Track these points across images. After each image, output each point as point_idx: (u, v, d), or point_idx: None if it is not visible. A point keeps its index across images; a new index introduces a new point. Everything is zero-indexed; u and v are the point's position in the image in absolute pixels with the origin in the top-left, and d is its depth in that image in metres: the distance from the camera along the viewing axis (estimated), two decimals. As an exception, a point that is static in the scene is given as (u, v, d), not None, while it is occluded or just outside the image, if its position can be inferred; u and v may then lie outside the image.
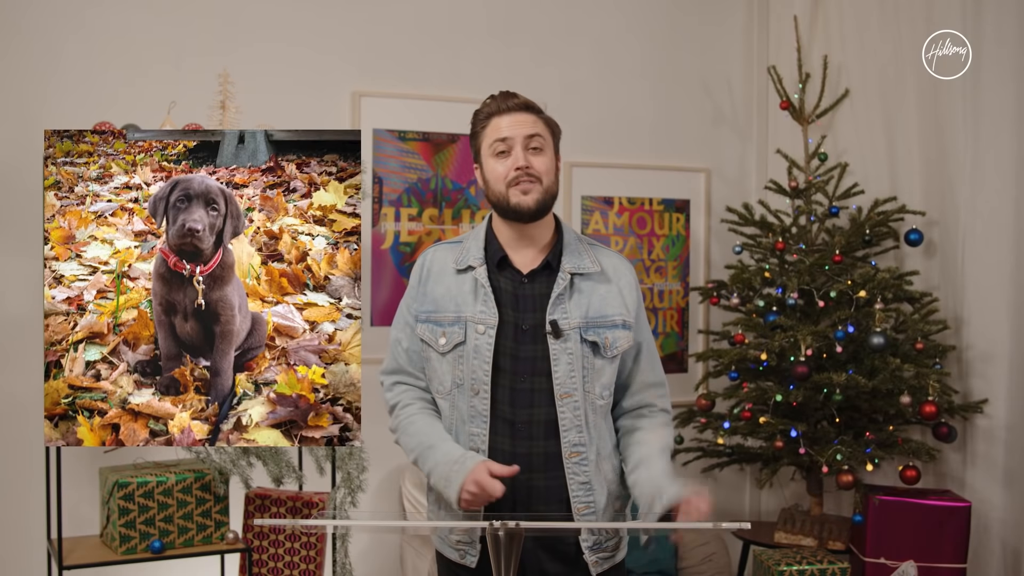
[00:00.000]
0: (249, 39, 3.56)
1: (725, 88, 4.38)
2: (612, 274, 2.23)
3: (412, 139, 3.80)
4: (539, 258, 2.20)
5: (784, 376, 3.63)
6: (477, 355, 2.14)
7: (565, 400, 2.14)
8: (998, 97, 3.49)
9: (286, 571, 3.08)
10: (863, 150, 4.00)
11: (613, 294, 2.20)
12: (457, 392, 2.17)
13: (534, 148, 2.17)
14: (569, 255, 2.20)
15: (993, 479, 3.52)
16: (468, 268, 2.20)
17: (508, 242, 2.21)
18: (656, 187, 4.23)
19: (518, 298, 2.17)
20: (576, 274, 2.19)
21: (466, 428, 2.16)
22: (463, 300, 2.18)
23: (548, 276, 2.19)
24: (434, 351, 2.20)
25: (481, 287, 2.17)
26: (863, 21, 4.00)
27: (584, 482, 2.15)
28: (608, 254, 2.27)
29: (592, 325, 2.16)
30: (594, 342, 2.15)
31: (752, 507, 4.40)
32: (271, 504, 3.09)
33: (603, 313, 2.18)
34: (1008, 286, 3.48)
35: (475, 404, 2.14)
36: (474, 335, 2.15)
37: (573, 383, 2.14)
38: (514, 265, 2.20)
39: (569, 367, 2.14)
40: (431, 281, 2.24)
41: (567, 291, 2.17)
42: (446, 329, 2.18)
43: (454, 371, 2.17)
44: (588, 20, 4.11)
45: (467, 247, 2.24)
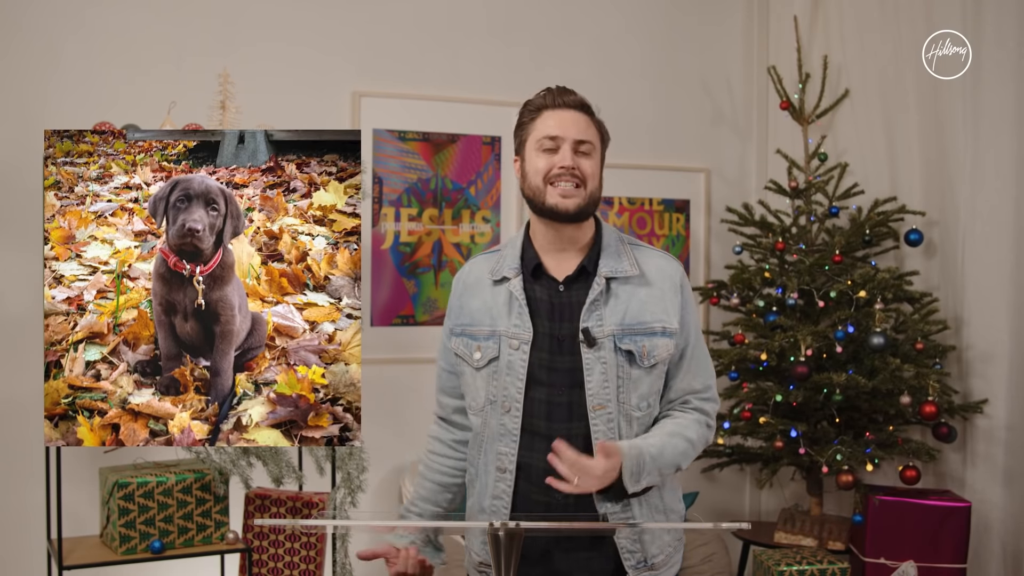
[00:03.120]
0: (249, 39, 3.56)
1: (725, 88, 4.38)
2: (654, 276, 2.08)
3: (412, 139, 3.80)
4: (575, 263, 2.08)
5: (784, 376, 3.63)
6: (511, 371, 2.04)
7: (598, 412, 2.01)
8: (998, 97, 3.49)
9: (286, 571, 3.08)
10: (863, 150, 4.00)
11: (654, 299, 2.06)
12: (490, 409, 2.07)
13: (583, 152, 2.07)
14: (607, 258, 2.07)
15: (993, 479, 3.52)
16: (503, 279, 2.09)
17: (544, 246, 2.10)
18: (656, 187, 4.23)
19: (554, 307, 2.06)
20: (612, 278, 2.06)
21: (495, 447, 2.07)
22: (498, 313, 2.08)
23: (585, 282, 2.06)
24: (468, 366, 2.11)
25: (515, 299, 2.06)
26: (863, 21, 4.00)
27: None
28: (652, 255, 2.13)
29: (628, 332, 2.03)
30: (629, 351, 2.02)
31: (752, 507, 4.40)
32: (271, 504, 3.09)
33: (641, 320, 2.04)
34: (1008, 286, 3.47)
35: (505, 422, 2.05)
36: (508, 350, 2.05)
37: (607, 394, 2.01)
38: (549, 272, 2.09)
39: (603, 377, 2.01)
40: (467, 294, 2.14)
41: (603, 296, 2.04)
42: (481, 343, 2.08)
43: (488, 387, 2.08)
44: (588, 20, 4.11)
45: (504, 256, 2.14)
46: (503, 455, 2.05)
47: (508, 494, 2.05)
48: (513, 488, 2.05)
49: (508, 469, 2.04)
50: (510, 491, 2.05)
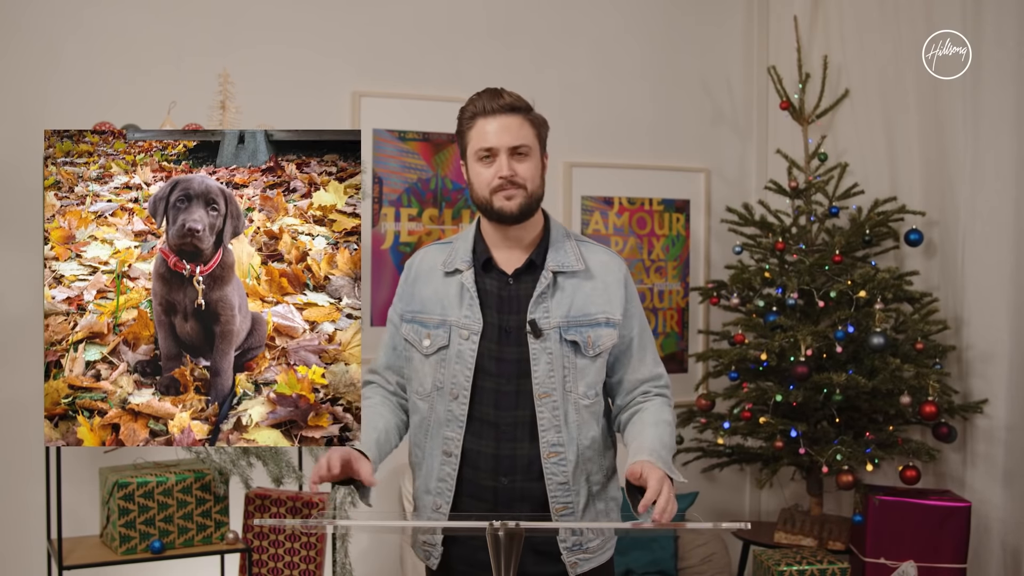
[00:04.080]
0: (249, 39, 3.56)
1: (725, 88, 4.38)
2: (598, 271, 2.20)
3: (412, 139, 3.80)
4: (524, 257, 2.19)
5: (784, 376, 3.63)
6: (460, 360, 2.14)
7: (544, 400, 2.13)
8: (998, 97, 3.49)
9: (286, 571, 3.08)
10: (863, 150, 4.00)
11: (598, 291, 2.18)
12: (437, 395, 2.18)
13: (519, 155, 2.14)
14: (554, 253, 2.18)
15: (993, 479, 3.52)
16: (455, 271, 2.20)
17: (494, 242, 2.20)
18: (656, 187, 4.23)
19: (502, 300, 2.17)
20: (559, 272, 2.17)
21: (441, 431, 2.17)
22: (449, 303, 2.18)
23: (532, 275, 2.18)
24: (417, 352, 2.21)
25: (467, 291, 2.16)
26: (863, 21, 4.00)
27: (562, 483, 2.14)
28: (596, 250, 2.25)
29: (574, 324, 2.14)
30: (574, 341, 2.14)
31: (752, 507, 4.40)
32: (271, 504, 3.09)
33: (586, 312, 2.15)
34: (1008, 286, 3.47)
35: (452, 408, 2.15)
36: (458, 340, 2.15)
37: (552, 383, 2.13)
38: (499, 266, 2.19)
39: (548, 367, 2.13)
40: (419, 282, 2.25)
41: (549, 290, 2.15)
42: (431, 331, 2.18)
43: (436, 374, 2.18)
44: (587, 21, 4.11)
45: (456, 248, 2.24)
46: (449, 440, 2.16)
47: (452, 477, 2.15)
48: (458, 472, 2.15)
49: (454, 453, 2.15)
50: (455, 474, 2.15)
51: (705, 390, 3.87)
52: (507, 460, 2.13)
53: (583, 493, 2.16)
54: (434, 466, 2.19)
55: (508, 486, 2.14)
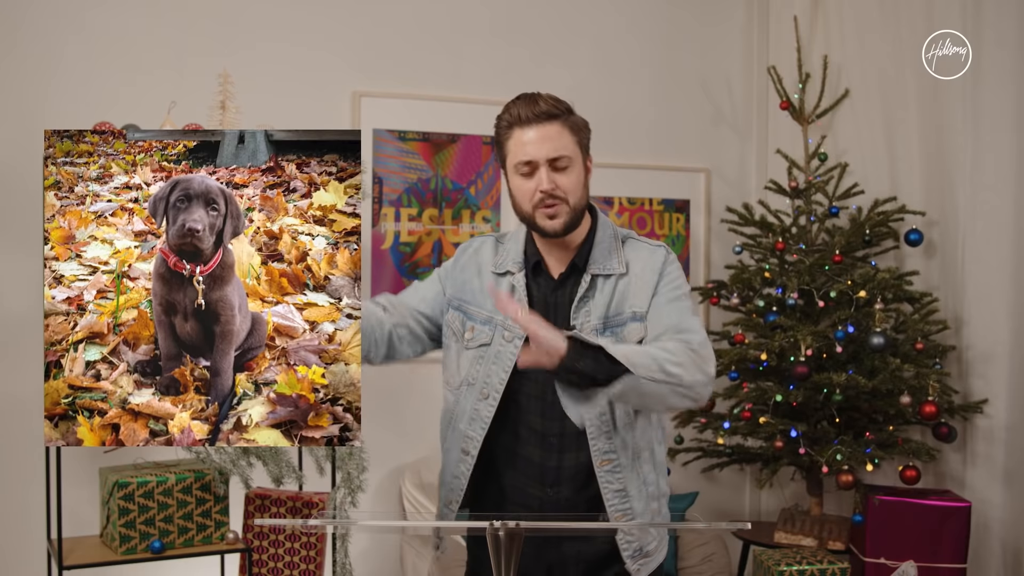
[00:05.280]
0: (249, 39, 3.56)
1: (725, 88, 4.38)
2: (636, 269, 2.11)
3: (412, 139, 3.80)
4: (568, 259, 2.13)
5: (784, 376, 3.63)
6: (498, 361, 2.09)
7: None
8: (998, 97, 3.50)
9: (286, 571, 3.08)
10: (863, 150, 4.00)
11: (632, 288, 2.09)
12: (466, 389, 2.13)
13: (559, 168, 2.05)
14: (597, 255, 2.12)
15: (993, 479, 3.52)
16: (507, 273, 2.15)
17: (544, 244, 2.15)
18: (656, 187, 4.23)
19: (548, 305, 2.11)
20: (599, 275, 2.10)
21: (461, 427, 2.12)
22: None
23: (576, 278, 2.12)
24: (456, 342, 2.16)
25: (518, 293, 2.11)
26: (863, 21, 4.00)
27: (619, 489, 2.07)
28: (639, 248, 2.15)
29: (609, 324, 2.07)
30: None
31: (752, 507, 4.40)
32: (271, 504, 3.09)
33: (619, 310, 2.08)
34: (1008, 286, 3.48)
35: (479, 408, 2.10)
36: (501, 340, 2.09)
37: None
38: (548, 270, 2.14)
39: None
40: (471, 270, 2.19)
41: (590, 293, 2.09)
42: (476, 325, 2.14)
43: (470, 368, 2.13)
44: (588, 20, 4.11)
45: (507, 250, 2.19)
46: (469, 438, 2.11)
47: (466, 476, 2.11)
48: (472, 471, 2.10)
49: (471, 453, 2.10)
50: (468, 473, 2.10)
51: (705, 390, 3.86)
52: (552, 471, 2.08)
53: (641, 497, 2.09)
54: (451, 461, 2.16)
55: (554, 497, 2.08)
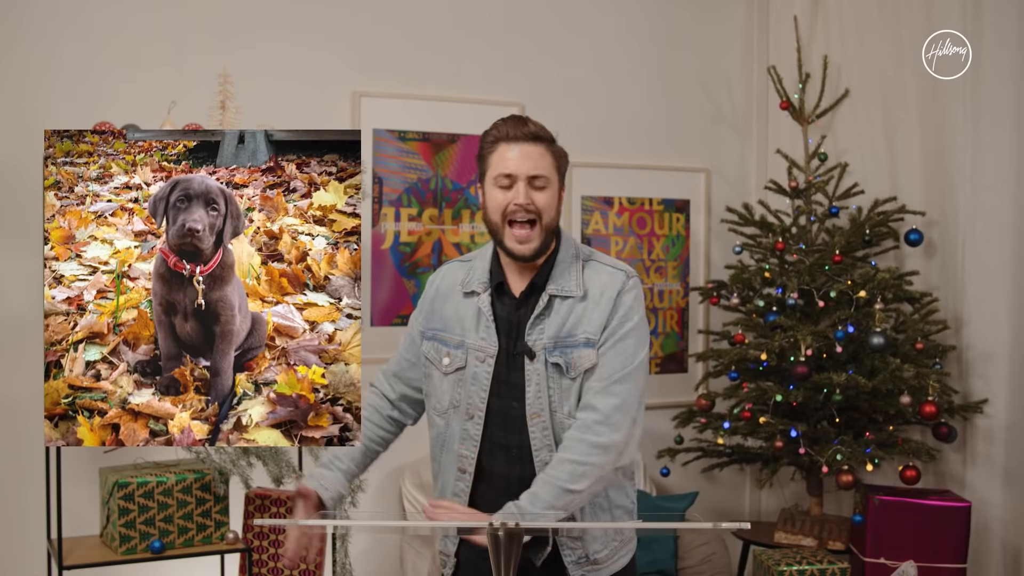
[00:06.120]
0: (249, 39, 3.56)
1: (725, 88, 4.38)
2: (594, 293, 2.14)
3: (412, 139, 3.80)
4: (529, 278, 2.17)
5: (784, 376, 3.63)
6: (475, 382, 2.16)
7: (535, 421, 2.12)
8: (998, 97, 3.50)
9: (286, 571, 3.07)
10: (863, 150, 4.00)
11: (588, 311, 2.12)
12: (453, 412, 2.19)
13: (537, 187, 2.11)
14: (557, 275, 2.15)
15: (993, 479, 3.52)
16: (473, 293, 2.19)
17: (508, 263, 2.18)
18: (656, 187, 4.23)
19: (511, 324, 2.16)
20: (556, 296, 2.14)
21: (455, 448, 2.18)
22: (467, 325, 2.18)
23: (535, 298, 2.16)
24: (436, 370, 2.21)
25: (483, 314, 2.16)
26: (863, 21, 4.00)
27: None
28: (598, 270, 2.17)
29: (560, 345, 2.11)
30: (557, 363, 2.11)
31: (752, 507, 4.40)
32: (271, 504, 3.09)
33: (572, 332, 2.11)
34: (1008, 286, 3.48)
35: (467, 428, 2.16)
36: (474, 362, 2.16)
37: (540, 404, 2.12)
38: (510, 289, 2.18)
39: (537, 388, 2.12)
40: (439, 299, 2.25)
41: (546, 312, 2.13)
42: (451, 350, 2.19)
43: (453, 392, 2.19)
44: (588, 20, 4.11)
45: (473, 268, 2.23)
46: (464, 458, 2.18)
47: (466, 493, 2.17)
48: (475, 490, 2.17)
49: (467, 471, 2.18)
50: (467, 490, 2.17)
51: (705, 390, 3.87)
52: (518, 482, 2.11)
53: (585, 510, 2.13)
54: (449, 481, 2.21)
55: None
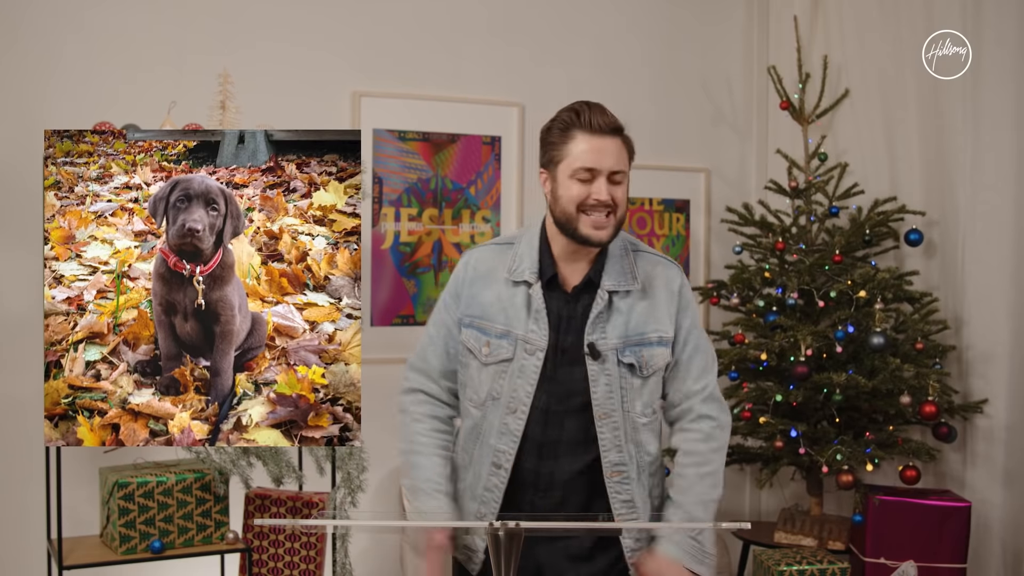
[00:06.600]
0: (249, 39, 3.56)
1: (725, 88, 4.38)
2: (652, 286, 2.14)
3: (412, 139, 3.80)
4: (584, 272, 2.13)
5: (784, 376, 3.63)
6: (522, 375, 2.10)
7: (604, 420, 2.10)
8: (998, 97, 3.49)
9: (286, 571, 3.08)
10: (863, 150, 4.00)
11: (653, 309, 2.13)
12: (492, 405, 2.13)
13: (616, 182, 2.07)
14: (610, 269, 2.13)
15: (993, 479, 3.52)
16: (524, 283, 2.13)
17: (561, 255, 2.14)
18: (656, 187, 4.23)
19: (561, 318, 2.12)
20: (614, 292, 2.11)
21: (492, 442, 2.13)
22: (515, 314, 2.12)
23: (590, 294, 2.12)
24: (475, 359, 2.16)
25: (535, 307, 2.11)
26: (863, 21, 4.00)
27: (627, 500, 2.12)
28: (650, 262, 2.18)
29: (630, 344, 2.10)
30: (631, 363, 2.11)
31: (752, 507, 4.40)
32: (271, 504, 3.09)
33: (641, 331, 2.11)
34: (1008, 286, 3.48)
35: (508, 422, 2.11)
36: (523, 354, 2.10)
37: (612, 403, 2.10)
38: (562, 283, 2.14)
39: (607, 388, 2.10)
40: (479, 284, 2.17)
41: (606, 311, 2.11)
42: (491, 340, 2.13)
43: (493, 384, 2.13)
44: (588, 20, 4.11)
45: (519, 255, 2.16)
46: (500, 452, 2.12)
47: (500, 489, 2.13)
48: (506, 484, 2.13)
49: (503, 467, 2.12)
50: (503, 486, 2.13)
51: (705, 390, 3.86)
52: (546, 477, 2.11)
53: (646, 508, 2.14)
54: (482, 474, 2.15)
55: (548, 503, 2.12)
